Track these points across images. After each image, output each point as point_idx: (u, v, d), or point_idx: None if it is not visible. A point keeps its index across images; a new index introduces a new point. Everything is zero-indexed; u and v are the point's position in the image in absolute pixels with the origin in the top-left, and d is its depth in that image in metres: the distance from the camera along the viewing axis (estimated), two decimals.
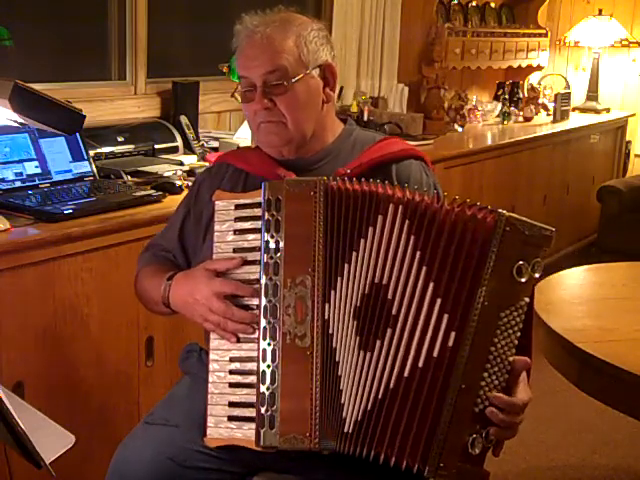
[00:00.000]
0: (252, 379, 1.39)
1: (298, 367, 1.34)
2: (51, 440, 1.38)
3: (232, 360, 1.42)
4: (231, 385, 1.41)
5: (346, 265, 1.36)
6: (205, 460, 1.47)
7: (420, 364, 1.32)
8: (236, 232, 1.44)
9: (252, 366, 1.39)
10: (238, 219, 1.44)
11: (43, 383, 2.01)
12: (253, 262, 1.41)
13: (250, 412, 1.38)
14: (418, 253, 1.33)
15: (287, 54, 1.51)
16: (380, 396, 1.33)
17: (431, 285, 1.32)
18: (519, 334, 1.34)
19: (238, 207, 1.44)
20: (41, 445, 1.22)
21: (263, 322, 1.37)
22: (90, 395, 2.13)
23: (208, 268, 1.44)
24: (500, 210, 1.33)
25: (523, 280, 1.33)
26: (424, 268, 1.33)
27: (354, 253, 1.36)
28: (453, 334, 1.31)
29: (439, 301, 1.32)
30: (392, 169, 1.57)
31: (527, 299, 1.34)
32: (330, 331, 1.35)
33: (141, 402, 2.26)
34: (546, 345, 2.16)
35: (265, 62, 1.50)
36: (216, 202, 1.47)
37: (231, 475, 1.50)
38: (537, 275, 1.34)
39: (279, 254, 1.37)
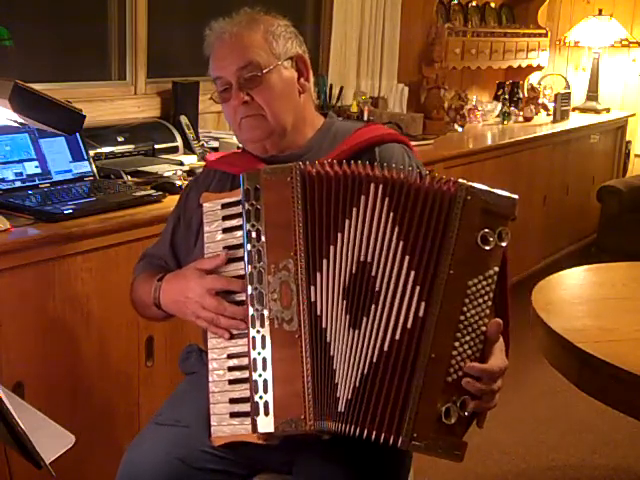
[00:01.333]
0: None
1: (288, 351, 1.35)
2: (51, 440, 1.38)
3: (230, 357, 1.43)
4: (231, 382, 1.42)
5: (331, 247, 1.37)
6: (213, 461, 1.47)
7: (397, 336, 1.33)
8: (225, 230, 1.45)
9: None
10: (226, 217, 1.46)
11: (43, 383, 2.01)
12: (242, 258, 1.42)
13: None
14: (397, 229, 1.35)
15: (257, 48, 1.54)
16: (365, 372, 1.34)
17: (407, 258, 1.34)
18: (490, 303, 1.35)
19: (225, 206, 1.46)
20: (41, 445, 1.22)
21: (251, 310, 1.38)
22: (90, 395, 2.13)
23: (198, 267, 1.46)
24: (461, 180, 1.36)
25: (488, 248, 1.34)
26: (401, 243, 1.35)
27: (339, 234, 1.37)
28: (423, 304, 1.33)
29: (413, 273, 1.34)
30: (376, 151, 1.59)
31: (496, 268, 1.35)
32: (318, 312, 1.36)
33: (141, 402, 2.26)
34: (546, 345, 2.15)
35: (236, 58, 1.53)
36: (204, 204, 1.49)
37: (237, 477, 1.50)
38: (504, 244, 1.35)
39: (261, 242, 1.38)
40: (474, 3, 4.96)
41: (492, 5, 5.14)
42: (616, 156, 5.49)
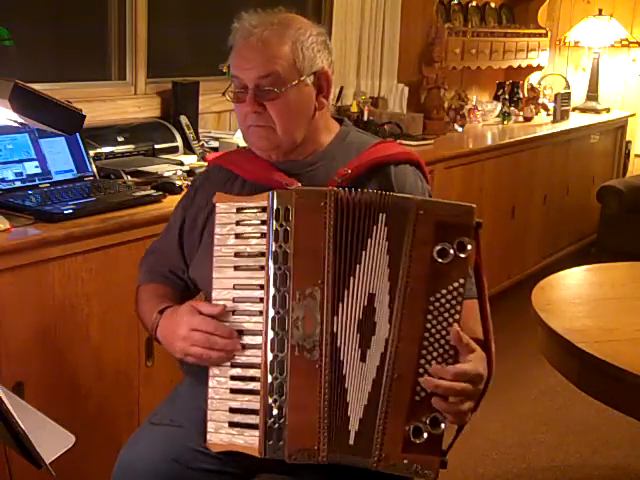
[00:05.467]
0: (254, 386, 1.38)
1: (307, 380, 1.34)
2: (51, 440, 1.38)
3: (233, 366, 1.41)
4: (232, 391, 1.40)
5: (351, 278, 1.36)
6: (208, 462, 1.46)
7: (378, 362, 1.34)
8: (237, 236, 1.42)
9: (254, 372, 1.39)
10: (240, 223, 1.42)
11: (43, 383, 2.01)
12: (255, 268, 1.40)
13: (252, 419, 1.38)
14: (387, 257, 1.36)
15: (282, 59, 1.49)
16: (366, 402, 1.35)
17: (388, 284, 1.35)
18: (458, 317, 1.33)
19: (240, 210, 1.43)
20: (41, 445, 1.22)
21: (271, 334, 1.36)
22: (90, 395, 2.13)
23: (194, 306, 1.43)
24: (411, 196, 1.38)
25: (447, 261, 1.32)
26: (388, 270, 1.35)
27: (358, 265, 1.36)
28: (388, 326, 1.33)
29: (388, 298, 1.35)
30: (391, 170, 1.57)
31: (462, 280, 1.33)
32: (338, 344, 1.35)
33: (141, 402, 2.26)
34: (546, 345, 2.16)
35: (259, 66, 1.49)
36: (217, 204, 1.45)
37: (233, 477, 1.50)
38: (463, 255, 1.33)
39: (288, 265, 1.36)
40: (474, 3, 4.96)
41: (492, 5, 5.13)
42: (616, 156, 5.49)
